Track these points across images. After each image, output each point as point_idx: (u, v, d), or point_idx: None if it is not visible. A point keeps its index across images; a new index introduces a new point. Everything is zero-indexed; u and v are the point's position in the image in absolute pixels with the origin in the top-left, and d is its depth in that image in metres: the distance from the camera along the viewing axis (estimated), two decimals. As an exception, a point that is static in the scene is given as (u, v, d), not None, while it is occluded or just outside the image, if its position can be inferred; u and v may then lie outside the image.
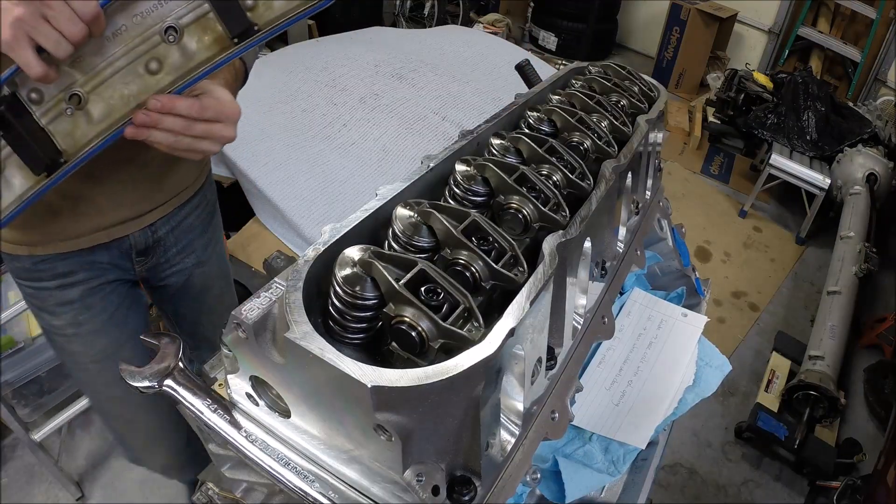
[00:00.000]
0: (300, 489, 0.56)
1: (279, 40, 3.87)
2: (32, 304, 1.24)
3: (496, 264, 0.59)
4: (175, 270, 1.35)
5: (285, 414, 0.57)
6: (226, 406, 0.61)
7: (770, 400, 2.66)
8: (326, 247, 0.57)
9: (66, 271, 1.17)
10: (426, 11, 5.16)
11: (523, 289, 0.57)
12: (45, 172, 0.80)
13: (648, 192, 1.07)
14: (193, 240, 1.35)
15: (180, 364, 0.63)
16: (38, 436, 1.95)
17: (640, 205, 1.01)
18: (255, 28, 0.78)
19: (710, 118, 4.61)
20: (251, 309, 0.54)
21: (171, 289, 1.39)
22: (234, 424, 0.60)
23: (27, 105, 0.77)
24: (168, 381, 0.62)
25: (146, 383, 0.62)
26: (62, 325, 1.23)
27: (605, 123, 0.91)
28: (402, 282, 0.53)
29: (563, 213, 0.70)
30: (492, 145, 0.80)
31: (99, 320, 1.24)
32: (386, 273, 0.53)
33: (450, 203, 0.70)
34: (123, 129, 0.80)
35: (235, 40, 0.79)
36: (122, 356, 0.90)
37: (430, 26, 4.97)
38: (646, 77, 1.12)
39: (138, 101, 0.79)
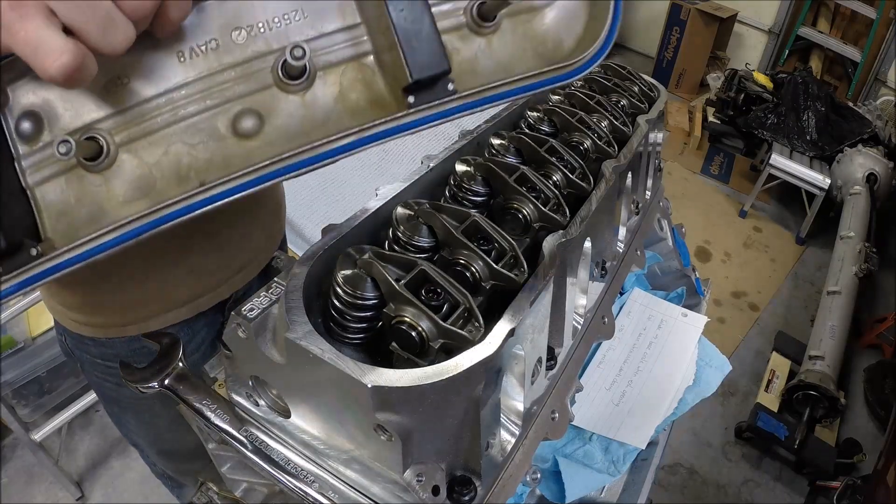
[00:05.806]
0: (300, 489, 0.56)
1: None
2: (111, 382, 1.01)
3: (496, 264, 0.59)
4: None
5: (285, 414, 0.57)
6: (226, 406, 0.61)
7: (770, 400, 2.66)
8: (326, 247, 0.57)
9: None
10: (426, 11, 5.16)
11: (523, 289, 0.57)
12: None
13: (648, 192, 1.07)
14: None
15: (180, 364, 0.63)
16: (38, 436, 1.95)
17: (640, 205, 1.01)
18: (452, 90, 0.46)
19: (710, 118, 4.61)
20: (251, 309, 0.54)
21: None
22: (234, 424, 0.60)
23: (10, 140, 0.43)
24: (168, 382, 0.62)
25: (147, 383, 0.62)
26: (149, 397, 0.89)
27: (605, 123, 0.91)
28: (402, 282, 0.53)
29: (564, 213, 0.70)
30: (492, 145, 0.80)
31: None
32: (386, 273, 0.53)
33: (450, 203, 0.70)
34: (161, 223, 0.47)
35: (411, 99, 0.46)
36: None
37: (430, 26, 4.96)
38: (646, 77, 1.12)
39: (204, 179, 0.45)
